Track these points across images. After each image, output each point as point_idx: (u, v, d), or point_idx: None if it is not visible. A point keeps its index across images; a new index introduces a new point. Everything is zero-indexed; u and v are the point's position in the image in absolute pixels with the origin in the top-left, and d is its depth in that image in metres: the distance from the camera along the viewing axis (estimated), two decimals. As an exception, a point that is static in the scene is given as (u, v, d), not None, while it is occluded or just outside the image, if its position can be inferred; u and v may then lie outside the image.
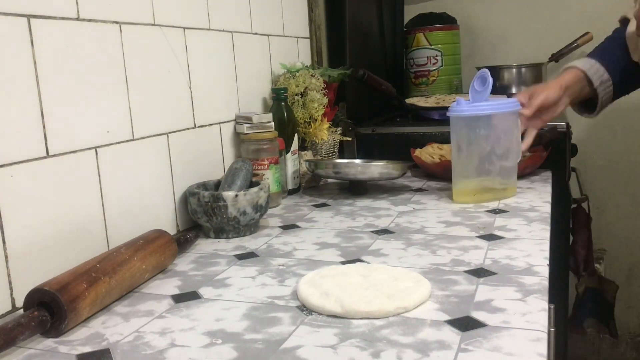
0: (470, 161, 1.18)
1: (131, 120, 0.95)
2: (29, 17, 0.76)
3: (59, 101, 0.81)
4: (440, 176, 1.41)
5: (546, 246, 0.90)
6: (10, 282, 0.73)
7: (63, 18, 0.81)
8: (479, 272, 0.81)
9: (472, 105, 1.16)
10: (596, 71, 1.27)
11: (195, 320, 0.71)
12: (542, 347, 0.60)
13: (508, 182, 1.21)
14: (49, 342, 0.67)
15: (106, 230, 0.89)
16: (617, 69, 1.27)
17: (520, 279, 0.78)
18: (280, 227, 1.09)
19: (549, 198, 1.19)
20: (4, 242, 0.73)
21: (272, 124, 1.24)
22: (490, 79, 1.16)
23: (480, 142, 1.16)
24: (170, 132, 1.05)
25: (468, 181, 1.19)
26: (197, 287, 0.81)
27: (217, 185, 1.12)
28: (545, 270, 0.80)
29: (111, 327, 0.70)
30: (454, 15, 2.20)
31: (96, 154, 0.87)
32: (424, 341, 0.62)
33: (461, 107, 1.15)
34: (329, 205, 1.25)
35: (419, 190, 1.34)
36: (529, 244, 0.91)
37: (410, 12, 2.29)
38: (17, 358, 0.64)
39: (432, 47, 2.13)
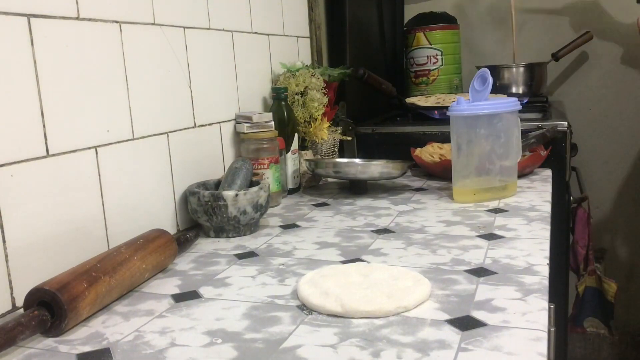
0: (471, 160, 1.18)
1: (131, 119, 0.95)
2: (28, 16, 0.76)
3: (59, 100, 0.81)
4: (440, 176, 1.41)
5: (546, 245, 0.90)
6: (10, 282, 0.73)
7: (63, 17, 0.81)
8: (479, 272, 0.81)
9: (472, 104, 1.16)
10: None
11: (196, 319, 0.71)
12: (542, 347, 0.60)
13: (508, 181, 1.21)
14: (49, 342, 0.67)
15: (106, 230, 0.89)
16: None
17: (521, 278, 0.78)
18: (281, 226, 1.09)
19: (549, 197, 1.19)
20: (4, 241, 0.73)
21: (272, 123, 1.24)
22: (490, 79, 1.15)
23: (480, 142, 1.16)
24: (170, 132, 1.05)
25: (468, 180, 1.19)
26: (197, 286, 0.81)
27: (217, 184, 1.12)
28: (545, 270, 0.80)
29: (111, 327, 0.70)
30: (454, 14, 2.20)
31: (96, 153, 0.87)
32: (424, 341, 0.62)
33: (461, 106, 1.15)
34: (329, 204, 1.25)
35: (419, 189, 1.34)
36: (529, 244, 0.91)
37: (410, 12, 2.29)
38: (17, 357, 0.64)
39: (432, 46, 2.13)
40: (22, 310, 0.69)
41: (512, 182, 1.21)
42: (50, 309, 0.66)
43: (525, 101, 1.57)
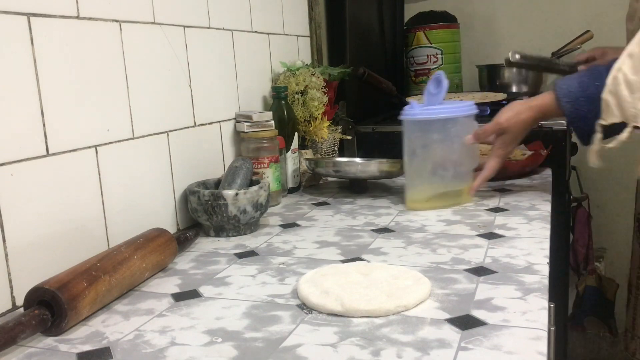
0: (424, 166, 1.14)
1: (131, 118, 0.95)
2: (28, 15, 0.76)
3: (59, 100, 0.81)
4: (440, 175, 1.41)
5: (546, 245, 0.90)
6: (10, 281, 0.73)
7: (63, 17, 0.81)
8: (479, 271, 0.81)
9: (426, 108, 1.12)
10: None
11: (196, 318, 0.71)
12: (542, 346, 0.60)
13: (462, 188, 1.16)
14: (50, 341, 0.67)
15: (106, 229, 0.89)
16: None
17: (521, 277, 0.78)
18: (281, 225, 1.09)
19: (549, 197, 1.19)
20: (4, 240, 0.73)
21: (272, 122, 1.24)
22: (446, 81, 1.12)
23: (434, 147, 1.13)
24: (170, 131, 1.05)
25: (421, 187, 1.15)
26: (197, 285, 0.81)
27: (217, 183, 1.12)
28: (545, 269, 0.80)
29: (111, 326, 0.70)
30: (454, 13, 2.20)
31: (96, 152, 0.87)
32: (424, 340, 0.62)
33: (414, 110, 1.12)
34: (329, 203, 1.25)
35: (419, 188, 1.33)
36: (529, 243, 0.91)
37: (410, 11, 2.29)
38: (18, 357, 0.64)
39: (433, 45, 2.13)
40: (22, 310, 0.68)
41: (466, 189, 1.16)
42: (50, 308, 0.66)
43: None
